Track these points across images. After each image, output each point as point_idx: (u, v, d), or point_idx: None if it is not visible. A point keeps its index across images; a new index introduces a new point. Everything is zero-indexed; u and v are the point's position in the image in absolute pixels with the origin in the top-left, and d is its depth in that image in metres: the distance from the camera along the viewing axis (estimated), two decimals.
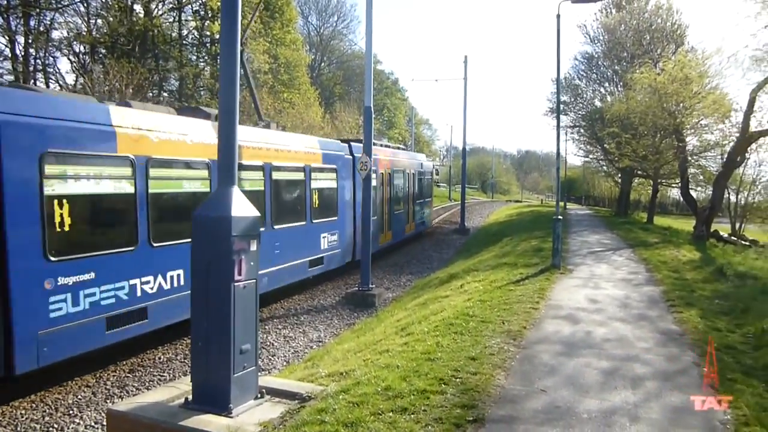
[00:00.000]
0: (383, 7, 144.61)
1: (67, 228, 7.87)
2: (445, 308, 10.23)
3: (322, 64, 62.43)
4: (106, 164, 8.63)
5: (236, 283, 5.47)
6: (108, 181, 8.71)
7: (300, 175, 14.43)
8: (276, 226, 13.12)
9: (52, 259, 7.63)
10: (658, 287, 11.77)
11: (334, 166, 16.28)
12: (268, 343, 11.09)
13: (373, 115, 15.10)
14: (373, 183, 16.43)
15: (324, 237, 15.74)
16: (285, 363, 10.11)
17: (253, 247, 5.70)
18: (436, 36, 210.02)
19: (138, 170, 9.09)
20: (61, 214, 7.79)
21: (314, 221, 15.07)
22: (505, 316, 8.94)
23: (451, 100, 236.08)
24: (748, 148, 22.47)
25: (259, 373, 6.20)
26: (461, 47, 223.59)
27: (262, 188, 12.63)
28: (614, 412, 5.45)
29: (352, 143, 18.16)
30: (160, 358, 10.08)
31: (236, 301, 5.47)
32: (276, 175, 13.18)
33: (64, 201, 7.84)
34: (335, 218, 16.43)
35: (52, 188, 7.70)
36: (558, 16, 15.53)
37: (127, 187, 9.00)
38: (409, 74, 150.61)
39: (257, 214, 5.83)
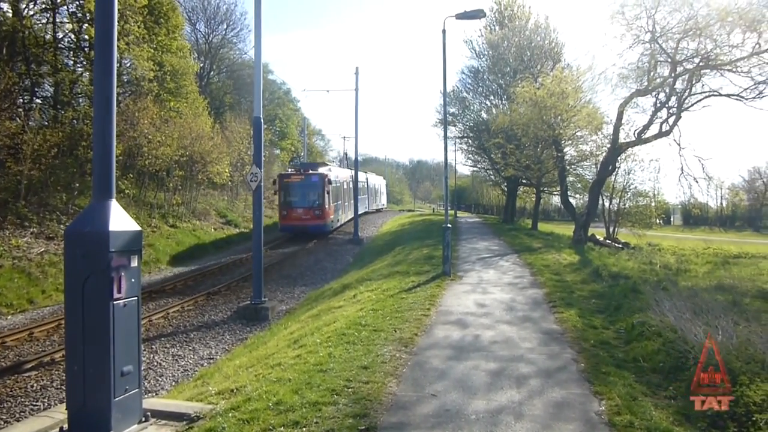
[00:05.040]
0: (273, 17, 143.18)
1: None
2: (337, 319, 10.23)
3: (212, 72, 60.48)
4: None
5: (116, 302, 5.17)
6: None
7: None
8: None
9: None
10: (541, 290, 12.38)
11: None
12: (156, 363, 10.60)
13: (264, 126, 14.89)
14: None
15: None
16: (174, 383, 9.71)
17: (134, 263, 5.42)
18: (328, 47, 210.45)
19: None
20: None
21: None
22: (397, 324, 9.06)
23: (344, 110, 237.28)
24: (618, 158, 24.32)
25: (145, 395, 5.91)
26: (353, 59, 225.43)
27: None
28: (500, 411, 5.64)
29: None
30: (33, 386, 9.35)
31: (116, 320, 5.16)
32: None
33: None
34: None
35: None
36: (444, 31, 16.07)
37: None
38: (301, 85, 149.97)
39: (138, 228, 5.56)
